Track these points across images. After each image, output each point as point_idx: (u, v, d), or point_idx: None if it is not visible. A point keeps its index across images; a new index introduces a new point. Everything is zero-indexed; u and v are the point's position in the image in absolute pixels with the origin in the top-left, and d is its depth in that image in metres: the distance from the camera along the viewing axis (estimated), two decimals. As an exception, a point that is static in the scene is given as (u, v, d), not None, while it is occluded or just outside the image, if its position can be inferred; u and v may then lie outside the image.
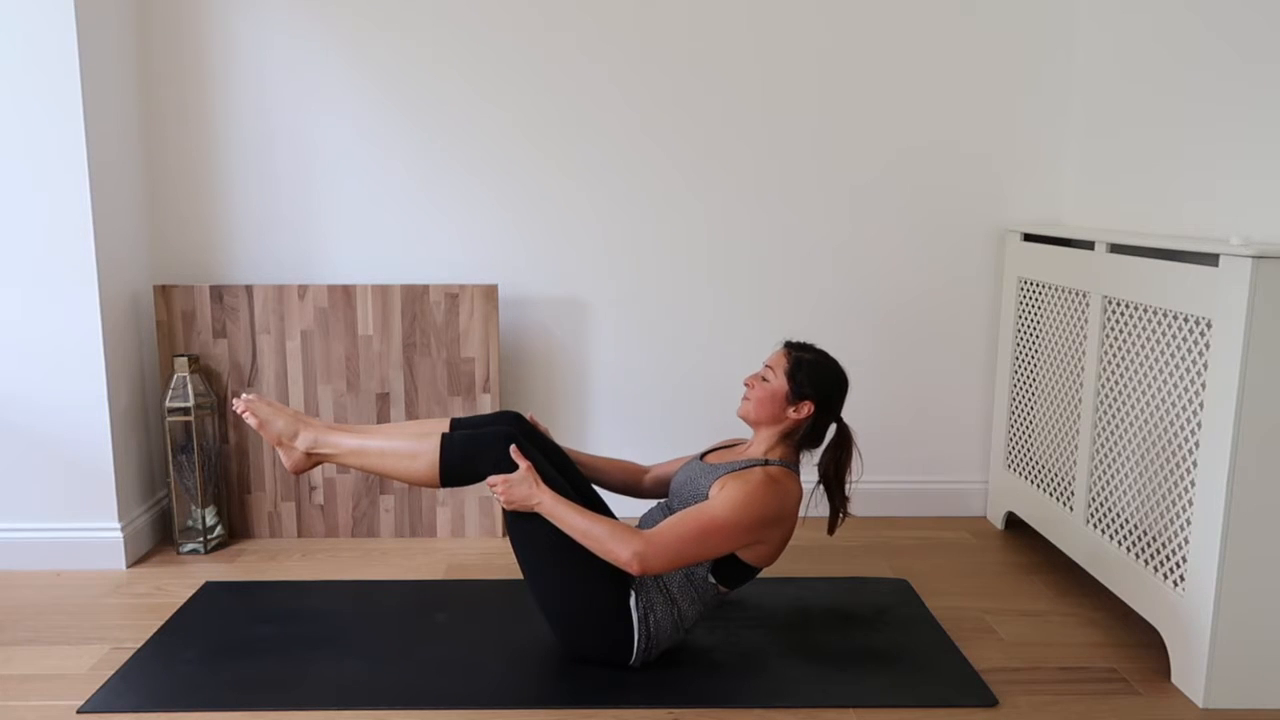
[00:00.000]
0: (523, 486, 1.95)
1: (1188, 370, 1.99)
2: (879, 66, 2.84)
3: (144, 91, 2.78)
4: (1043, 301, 2.66)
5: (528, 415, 2.25)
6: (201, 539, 2.70)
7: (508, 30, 2.79)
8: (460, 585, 2.49)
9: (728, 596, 2.28)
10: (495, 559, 2.67)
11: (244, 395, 2.12)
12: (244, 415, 2.10)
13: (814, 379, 2.06)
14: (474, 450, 2.01)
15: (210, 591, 2.44)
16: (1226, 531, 1.87)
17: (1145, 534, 2.14)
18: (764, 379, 2.09)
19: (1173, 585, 2.03)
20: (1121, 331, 2.25)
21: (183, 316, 2.72)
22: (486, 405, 2.78)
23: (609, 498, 2.30)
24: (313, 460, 2.10)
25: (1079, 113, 2.83)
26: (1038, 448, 2.69)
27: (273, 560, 2.67)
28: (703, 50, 2.82)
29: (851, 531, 2.89)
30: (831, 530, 2.13)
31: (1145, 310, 2.15)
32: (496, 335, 2.75)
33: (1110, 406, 2.30)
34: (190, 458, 2.68)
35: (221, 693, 1.96)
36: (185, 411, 2.65)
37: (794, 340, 2.16)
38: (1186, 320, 1.99)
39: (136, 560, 2.66)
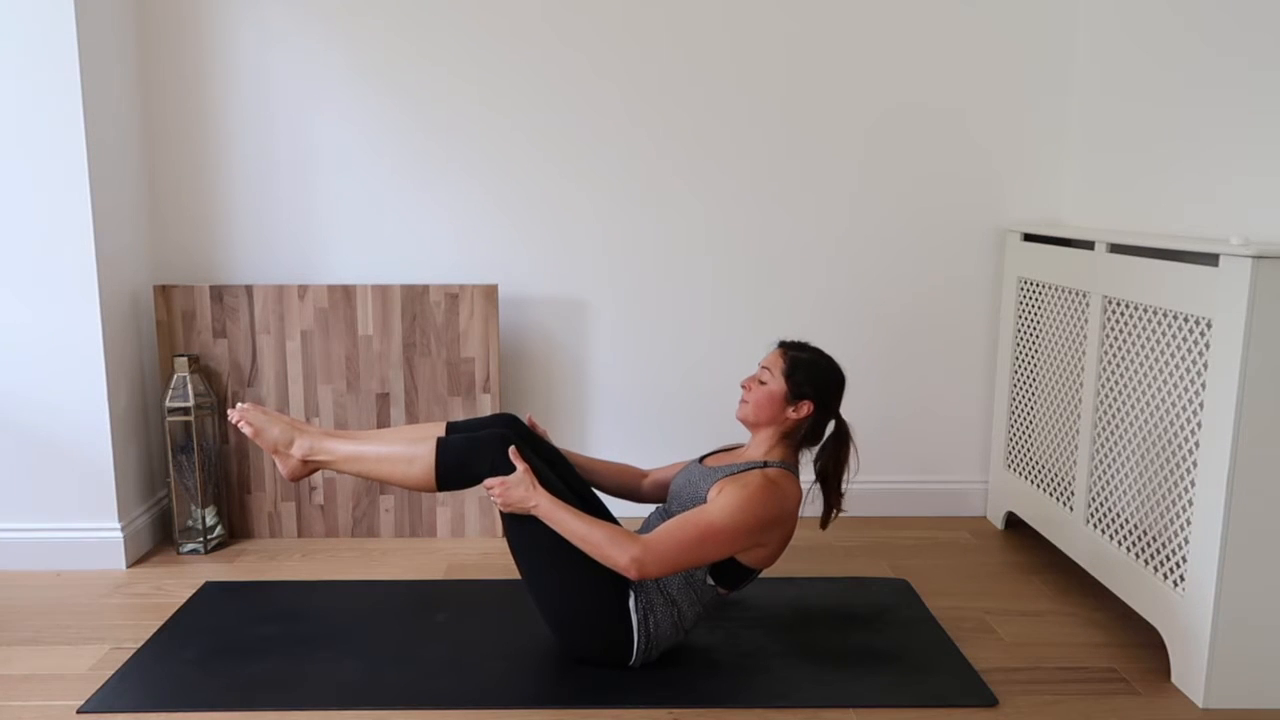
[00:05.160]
0: (519, 489, 1.95)
1: (1188, 370, 1.98)
2: (879, 65, 2.84)
3: (144, 92, 2.78)
4: (1043, 301, 2.66)
5: (526, 417, 2.25)
6: (201, 539, 2.70)
7: (506, 31, 2.79)
8: (460, 585, 2.49)
9: (728, 598, 2.27)
10: (495, 559, 2.67)
11: (239, 404, 2.12)
12: (239, 424, 2.10)
13: (812, 378, 2.06)
14: (470, 453, 2.01)
15: (210, 591, 2.44)
16: (1226, 531, 1.87)
17: (1145, 534, 2.14)
18: (761, 381, 2.09)
19: (1173, 585, 2.03)
20: (1121, 331, 2.25)
21: (183, 316, 2.72)
22: (486, 406, 2.78)
23: (610, 501, 2.30)
24: (309, 467, 2.10)
25: (1079, 113, 2.83)
26: (1038, 448, 2.69)
27: (273, 560, 2.67)
28: (702, 51, 2.82)
29: (851, 531, 2.90)
30: (824, 525, 2.12)
31: (1145, 310, 2.14)
32: (496, 335, 2.75)
33: (1110, 406, 2.30)
34: (190, 458, 2.68)
35: (221, 693, 1.96)
36: (185, 411, 2.65)
37: (789, 339, 2.16)
38: (1186, 320, 1.99)
39: (136, 560, 2.66)
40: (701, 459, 2.21)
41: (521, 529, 1.99)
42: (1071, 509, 2.47)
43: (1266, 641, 1.92)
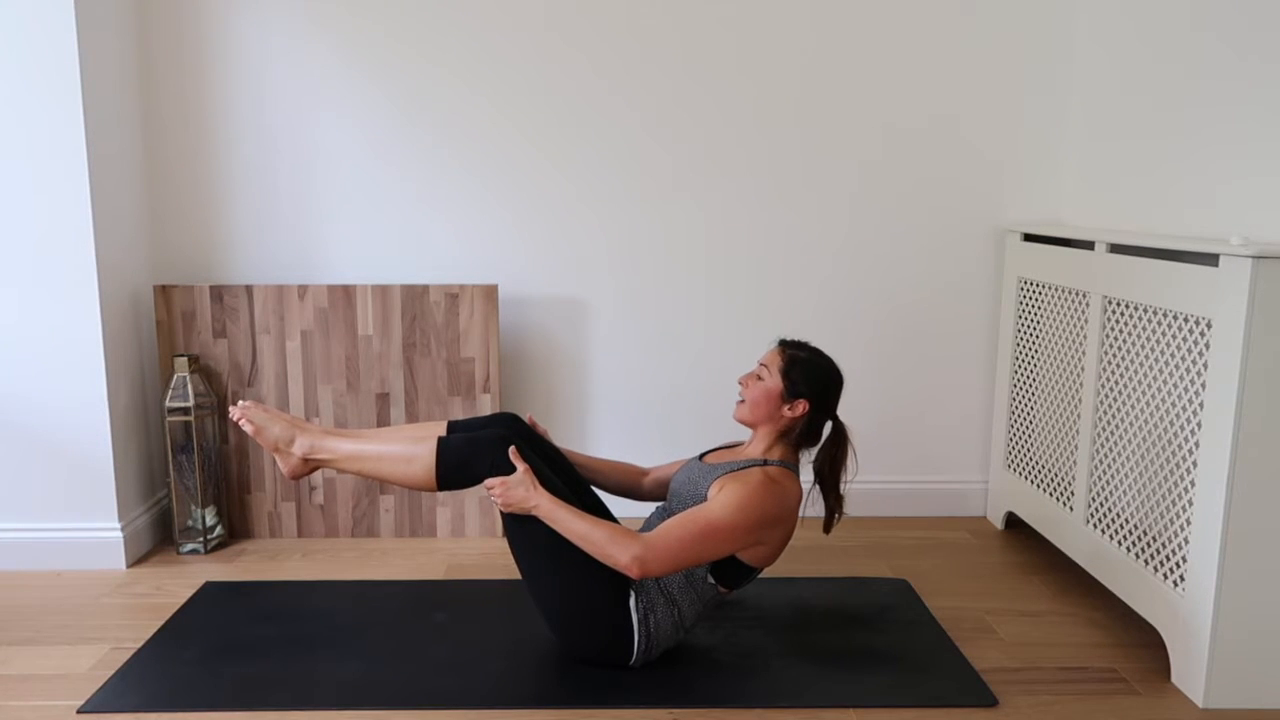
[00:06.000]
0: (520, 489, 1.95)
1: (1188, 370, 1.99)
2: (878, 66, 2.84)
3: (144, 92, 2.78)
4: (1043, 301, 2.66)
5: (527, 417, 2.25)
6: (201, 539, 2.70)
7: (507, 31, 2.79)
8: (460, 585, 2.49)
9: (728, 597, 2.28)
10: (495, 559, 2.67)
11: (240, 402, 2.12)
12: (240, 422, 2.10)
13: (808, 377, 2.06)
14: (471, 453, 2.01)
15: (210, 591, 2.44)
16: (1226, 531, 1.87)
17: (1145, 534, 2.14)
18: (758, 377, 2.09)
19: (1173, 585, 2.03)
20: (1121, 331, 2.25)
21: (183, 316, 2.72)
22: (486, 406, 2.78)
23: (610, 499, 2.30)
24: (310, 466, 2.10)
25: (1079, 113, 2.83)
26: (1038, 448, 2.69)
27: (273, 560, 2.67)
28: (701, 52, 2.82)
29: (851, 531, 2.90)
30: (827, 529, 2.12)
31: (1145, 310, 2.15)
32: (496, 335, 2.75)
33: (1110, 406, 2.30)
34: (190, 458, 2.68)
35: (221, 693, 1.96)
36: (185, 411, 2.65)
37: (788, 338, 2.16)
38: (1186, 320, 1.99)
39: (136, 560, 2.66)
40: (701, 456, 2.21)
41: (521, 529, 1.99)
42: (1071, 509, 2.47)
43: (1266, 641, 1.92)
